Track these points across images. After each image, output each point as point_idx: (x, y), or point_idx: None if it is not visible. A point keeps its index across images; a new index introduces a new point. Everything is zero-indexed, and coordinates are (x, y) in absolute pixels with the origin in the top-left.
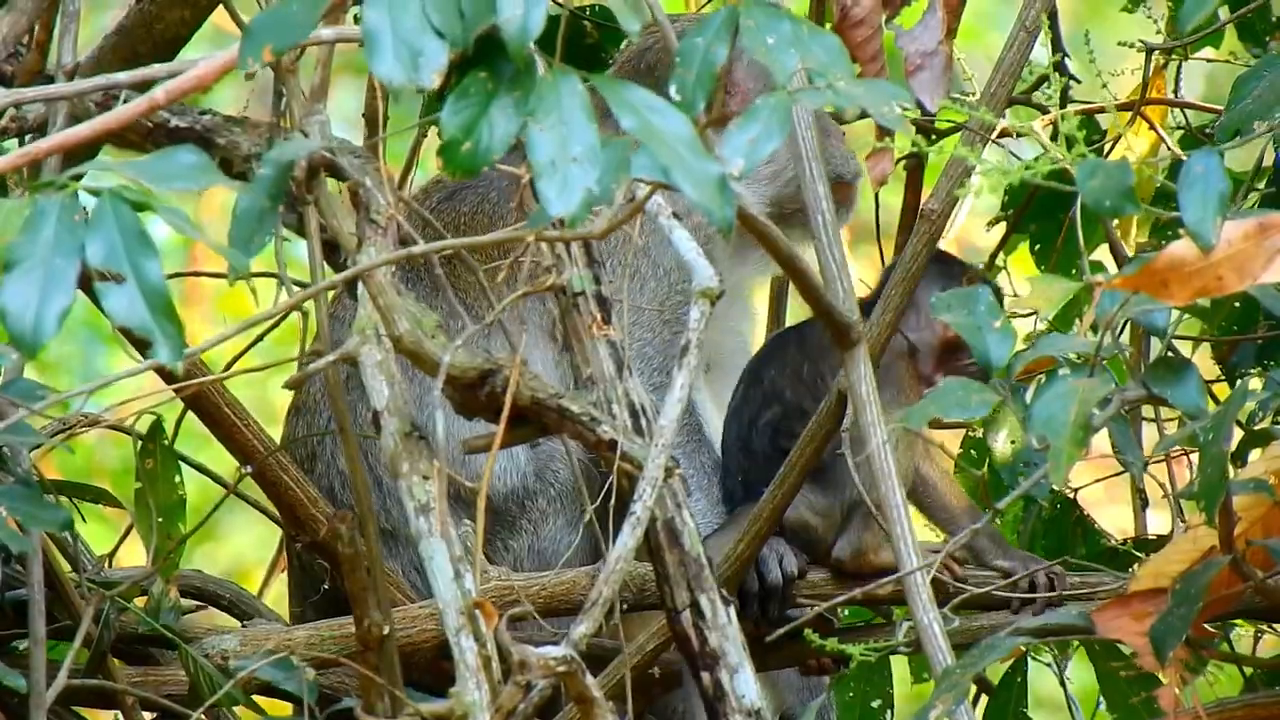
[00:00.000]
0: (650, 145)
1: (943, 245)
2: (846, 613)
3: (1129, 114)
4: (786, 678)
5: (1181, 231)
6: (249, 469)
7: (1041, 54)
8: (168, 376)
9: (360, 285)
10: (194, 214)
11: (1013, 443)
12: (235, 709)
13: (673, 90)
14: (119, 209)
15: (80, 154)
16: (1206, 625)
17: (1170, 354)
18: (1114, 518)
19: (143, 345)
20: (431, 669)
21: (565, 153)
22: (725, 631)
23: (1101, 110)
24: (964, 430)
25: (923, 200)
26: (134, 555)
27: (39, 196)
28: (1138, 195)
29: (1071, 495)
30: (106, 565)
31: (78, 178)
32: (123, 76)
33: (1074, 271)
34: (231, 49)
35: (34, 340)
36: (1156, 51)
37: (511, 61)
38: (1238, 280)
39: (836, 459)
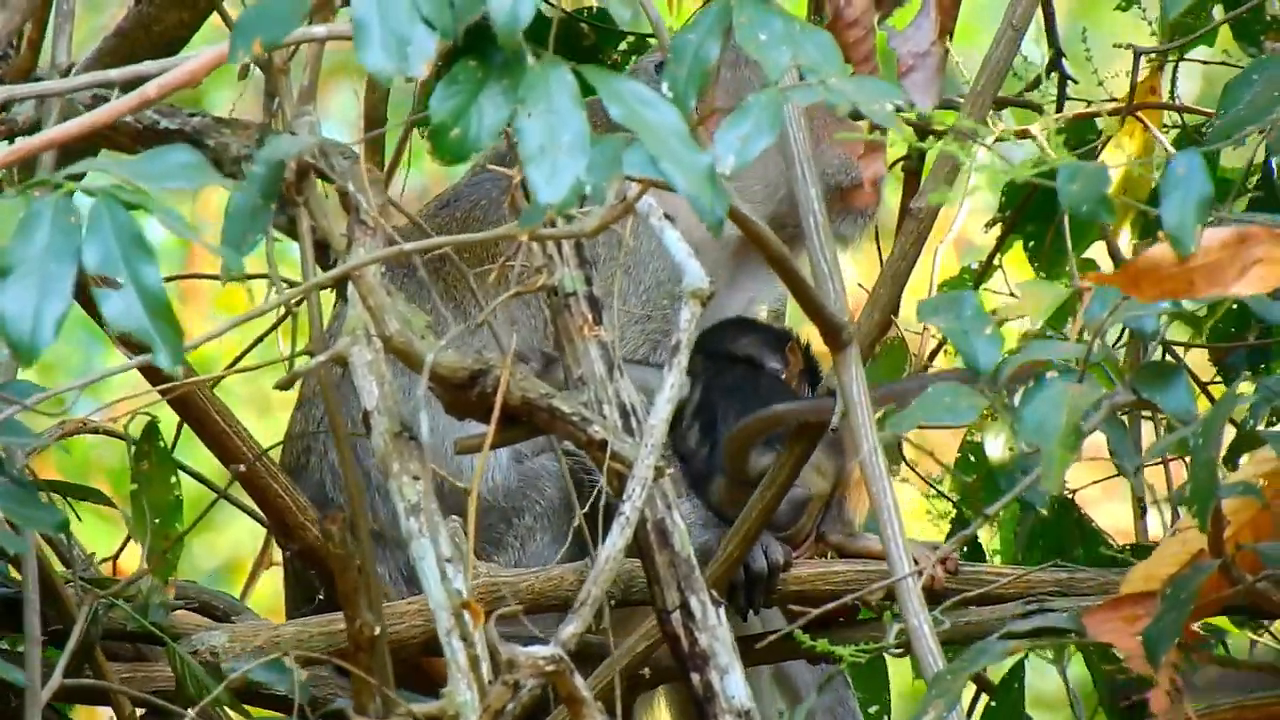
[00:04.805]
0: (640, 137)
1: (941, 248)
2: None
3: (1120, 117)
4: (797, 670)
5: (1161, 235)
6: (240, 468)
7: (1037, 55)
8: (154, 378)
9: (350, 286)
10: (190, 215)
11: (1010, 449)
12: (225, 709)
13: (664, 86)
14: (115, 211)
15: (75, 155)
16: (1197, 629)
17: (1165, 357)
18: (1109, 516)
19: (141, 350)
20: (416, 668)
21: (554, 140)
22: (715, 632)
23: (1098, 115)
24: (963, 434)
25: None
26: (135, 559)
27: (33, 198)
28: (1132, 194)
29: (1069, 496)
30: (110, 569)
31: (73, 177)
32: (115, 74)
33: (1066, 271)
34: (222, 45)
35: (32, 346)
36: (1151, 53)
37: (501, 50)
38: (1208, 288)
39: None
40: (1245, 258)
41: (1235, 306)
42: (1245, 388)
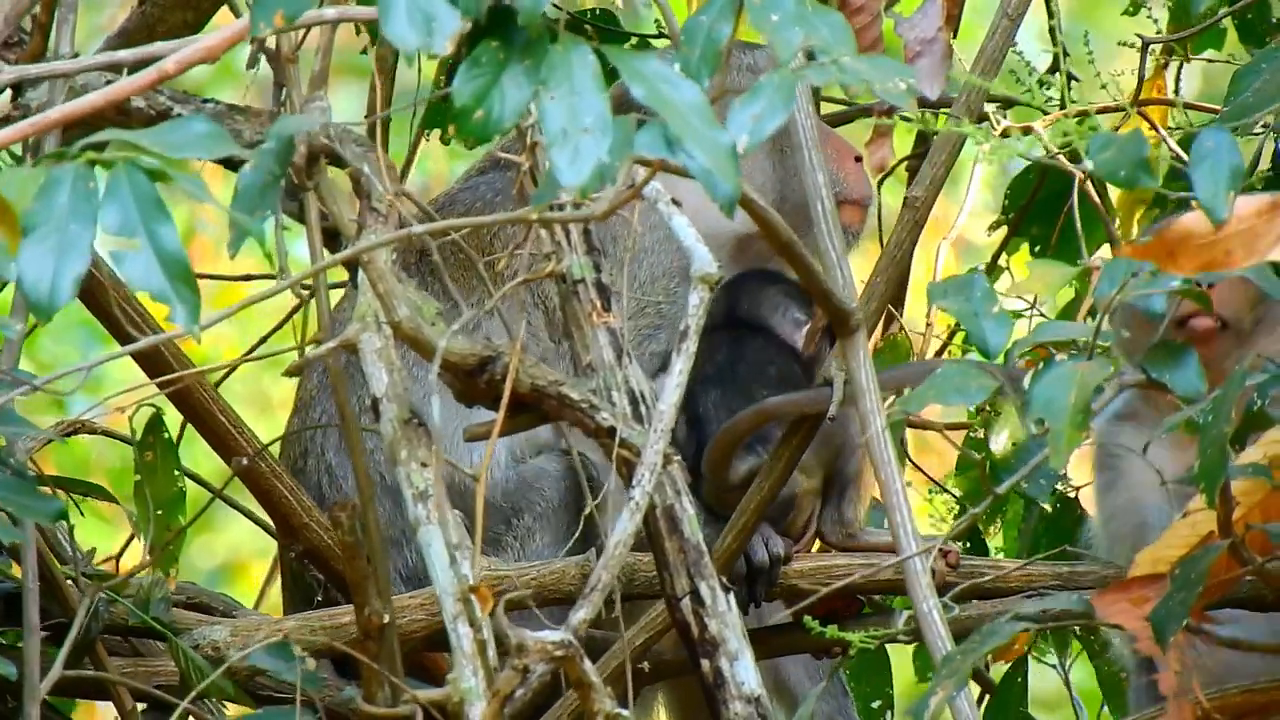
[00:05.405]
0: (662, 114)
1: (945, 244)
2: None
3: (1124, 114)
4: (795, 677)
5: (1193, 204)
6: (243, 460)
7: (1036, 54)
8: (154, 372)
9: (360, 272)
10: (190, 216)
11: (1014, 445)
12: (226, 702)
13: (676, 68)
14: (134, 176)
15: (83, 138)
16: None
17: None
18: None
19: (129, 340)
20: (418, 664)
21: (577, 122)
22: (725, 618)
23: (1104, 111)
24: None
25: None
26: (137, 558)
27: (51, 165)
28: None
29: (1072, 494)
30: (114, 569)
31: (91, 147)
32: (126, 54)
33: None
34: (240, 22)
35: (50, 305)
36: (1157, 51)
37: (523, 30)
38: (1246, 256)
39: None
40: None
41: None
42: None
